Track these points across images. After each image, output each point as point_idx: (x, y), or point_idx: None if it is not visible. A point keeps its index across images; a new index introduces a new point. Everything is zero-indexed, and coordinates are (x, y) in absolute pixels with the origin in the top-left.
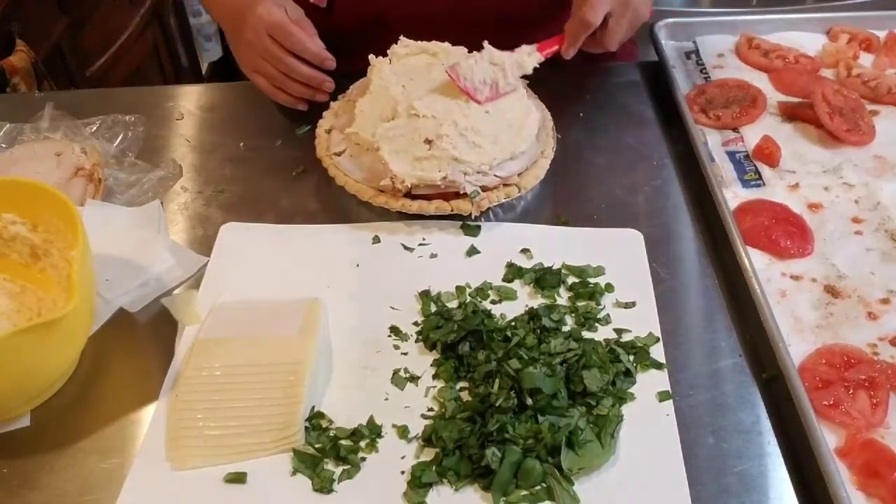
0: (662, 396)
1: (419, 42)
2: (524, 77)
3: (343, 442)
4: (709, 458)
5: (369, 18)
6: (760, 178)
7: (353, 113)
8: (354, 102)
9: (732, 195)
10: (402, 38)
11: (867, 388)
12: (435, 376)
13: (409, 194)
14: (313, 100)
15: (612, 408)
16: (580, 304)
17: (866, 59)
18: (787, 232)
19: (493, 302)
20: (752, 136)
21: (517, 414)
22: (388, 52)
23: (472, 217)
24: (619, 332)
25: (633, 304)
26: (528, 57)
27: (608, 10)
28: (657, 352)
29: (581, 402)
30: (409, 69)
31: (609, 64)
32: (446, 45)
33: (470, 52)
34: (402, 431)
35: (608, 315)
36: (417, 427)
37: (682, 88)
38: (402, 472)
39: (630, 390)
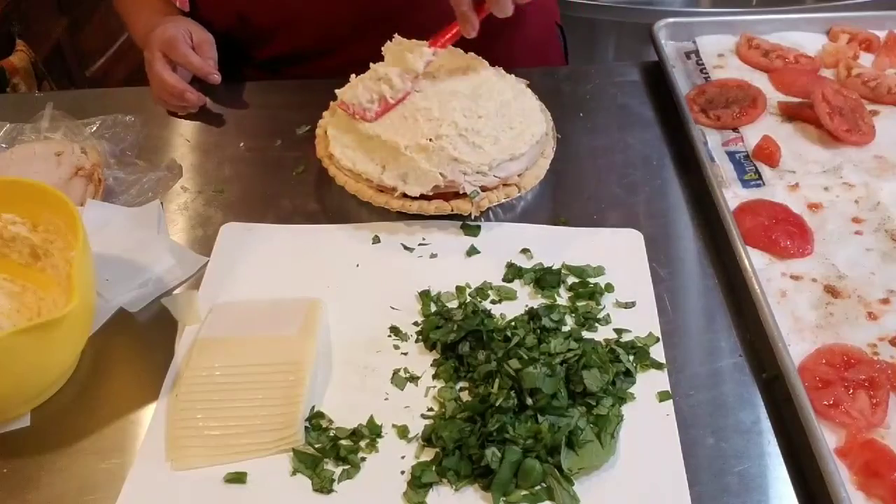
0: (662, 396)
1: (412, 41)
2: (523, 79)
3: (343, 442)
4: (709, 458)
5: (233, 20)
6: (760, 178)
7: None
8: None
9: (732, 195)
10: (396, 35)
11: (867, 388)
12: (435, 376)
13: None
14: (186, 111)
15: (612, 408)
16: (580, 304)
17: (866, 59)
18: (787, 232)
19: (493, 302)
20: (752, 136)
21: (517, 414)
22: (382, 49)
23: (472, 217)
24: (619, 332)
25: (633, 304)
26: (417, 57)
27: None
28: (657, 352)
29: (581, 402)
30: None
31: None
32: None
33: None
34: (402, 431)
35: (608, 315)
36: (417, 427)
37: (682, 88)
38: (402, 472)
39: (630, 390)
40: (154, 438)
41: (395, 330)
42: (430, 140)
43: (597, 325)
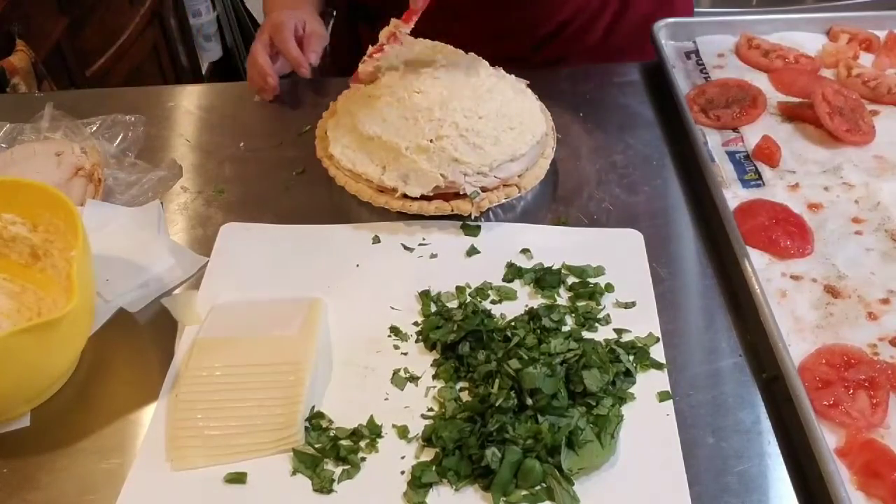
0: (662, 396)
1: (424, 40)
2: (523, 79)
3: (343, 442)
4: (709, 458)
5: None
6: (760, 178)
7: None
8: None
9: (732, 195)
10: (392, 19)
11: (867, 388)
12: (435, 376)
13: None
14: (263, 94)
15: (612, 408)
16: (580, 304)
17: (866, 59)
18: (787, 232)
19: (493, 302)
20: (752, 136)
21: (517, 414)
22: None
23: (472, 217)
24: (619, 332)
25: (633, 304)
26: (382, 32)
27: None
28: (657, 352)
29: (581, 402)
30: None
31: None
32: (446, 45)
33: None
34: (402, 431)
35: (608, 315)
36: (417, 427)
37: (682, 88)
38: (402, 472)
39: (630, 390)
40: (154, 438)
41: (395, 330)
42: (431, 141)
43: (597, 325)
